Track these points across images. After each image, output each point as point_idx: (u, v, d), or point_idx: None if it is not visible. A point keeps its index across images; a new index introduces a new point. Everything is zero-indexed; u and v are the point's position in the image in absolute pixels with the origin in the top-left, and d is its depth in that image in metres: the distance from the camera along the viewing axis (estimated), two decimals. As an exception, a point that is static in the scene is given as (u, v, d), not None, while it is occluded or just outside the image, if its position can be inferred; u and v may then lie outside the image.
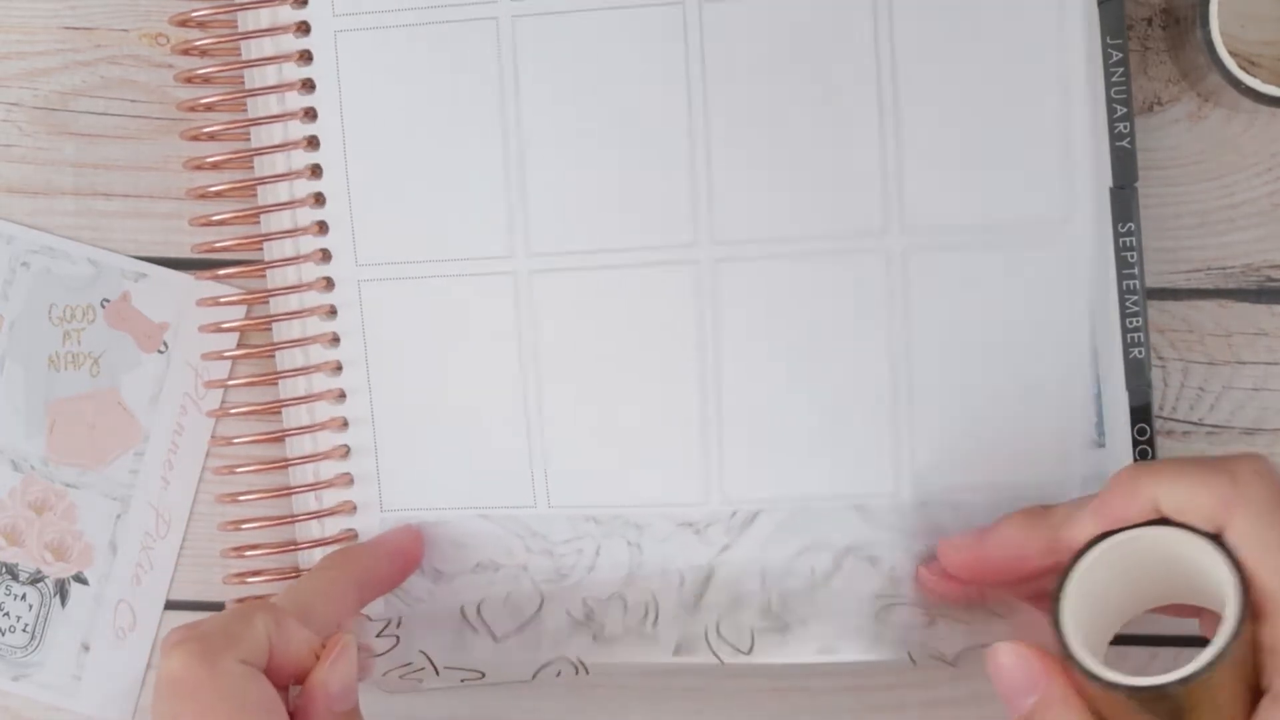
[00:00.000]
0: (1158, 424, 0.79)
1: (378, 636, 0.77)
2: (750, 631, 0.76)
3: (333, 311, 0.78)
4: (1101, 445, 0.76)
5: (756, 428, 0.76)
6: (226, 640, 0.66)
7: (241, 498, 0.79)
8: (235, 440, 0.79)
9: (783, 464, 0.76)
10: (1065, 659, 0.65)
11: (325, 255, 0.78)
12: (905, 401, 0.75)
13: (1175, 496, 0.64)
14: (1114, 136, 0.77)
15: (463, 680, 0.77)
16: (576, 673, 0.77)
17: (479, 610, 0.77)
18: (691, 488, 0.76)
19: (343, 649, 0.69)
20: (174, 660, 0.66)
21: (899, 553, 0.76)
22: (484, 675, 0.77)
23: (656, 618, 0.76)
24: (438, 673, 0.77)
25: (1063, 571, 0.67)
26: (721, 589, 0.77)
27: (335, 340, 0.78)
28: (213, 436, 0.81)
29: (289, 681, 0.69)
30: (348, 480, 0.78)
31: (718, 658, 0.76)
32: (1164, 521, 0.66)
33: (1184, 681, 0.63)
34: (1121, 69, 0.77)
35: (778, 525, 0.76)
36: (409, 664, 0.78)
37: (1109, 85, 0.77)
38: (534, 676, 0.77)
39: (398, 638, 0.77)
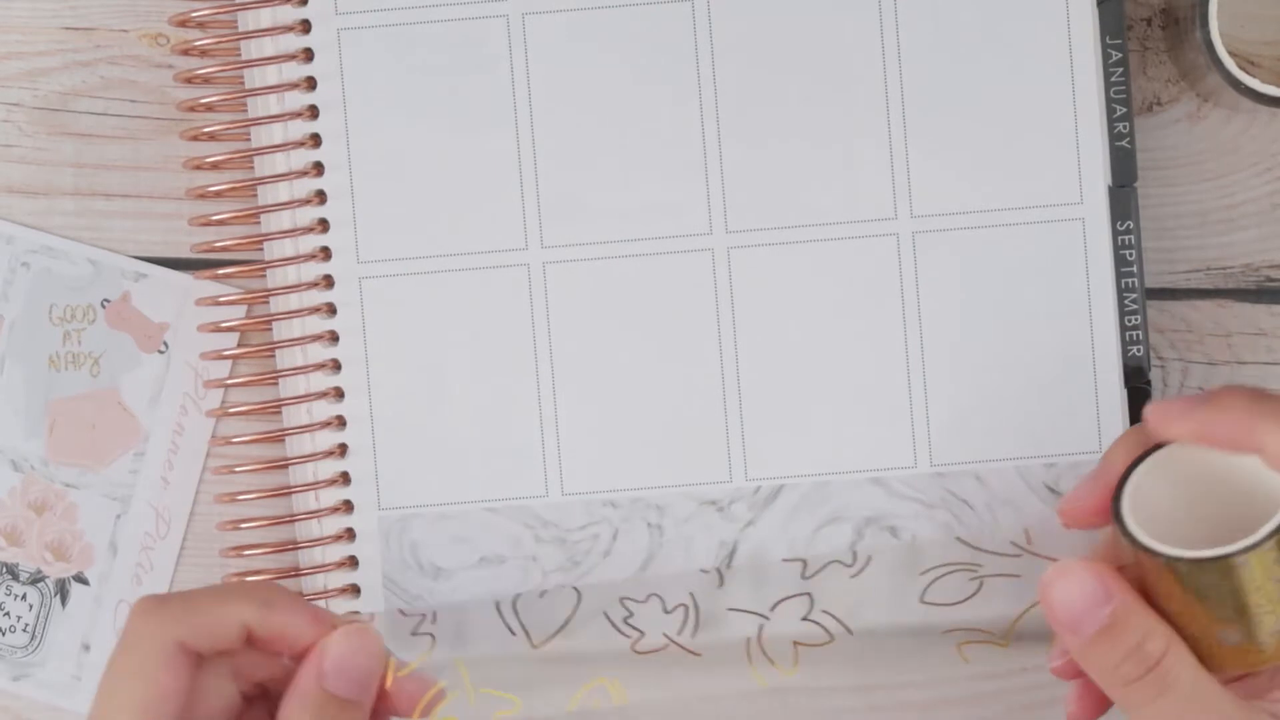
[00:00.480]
0: (1157, 424, 0.79)
1: (412, 635, 0.77)
2: (773, 603, 0.77)
3: (332, 310, 0.78)
4: (1099, 450, 0.77)
5: (776, 405, 0.77)
6: (176, 616, 0.64)
7: (241, 497, 0.79)
8: (235, 440, 0.79)
9: (803, 440, 0.77)
10: (1132, 544, 0.65)
11: (326, 253, 0.78)
12: (920, 377, 0.77)
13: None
14: (1113, 136, 0.77)
15: (496, 715, 0.76)
16: (614, 697, 0.77)
17: (515, 607, 0.77)
18: (714, 465, 0.77)
19: (360, 628, 0.66)
20: (125, 621, 0.65)
21: (919, 523, 0.77)
22: (519, 705, 0.76)
23: (697, 624, 0.77)
24: (471, 701, 0.76)
25: (1123, 472, 0.67)
26: (745, 564, 0.77)
27: (334, 339, 0.78)
28: (213, 436, 0.81)
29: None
30: (345, 479, 0.78)
31: (744, 625, 0.77)
32: None
33: (1247, 549, 0.63)
34: (1121, 69, 0.77)
35: (800, 499, 0.77)
36: (438, 686, 0.77)
37: (1108, 85, 0.77)
38: (570, 707, 0.77)
39: (433, 636, 0.77)
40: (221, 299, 0.79)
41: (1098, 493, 0.69)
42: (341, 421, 0.78)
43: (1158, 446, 0.68)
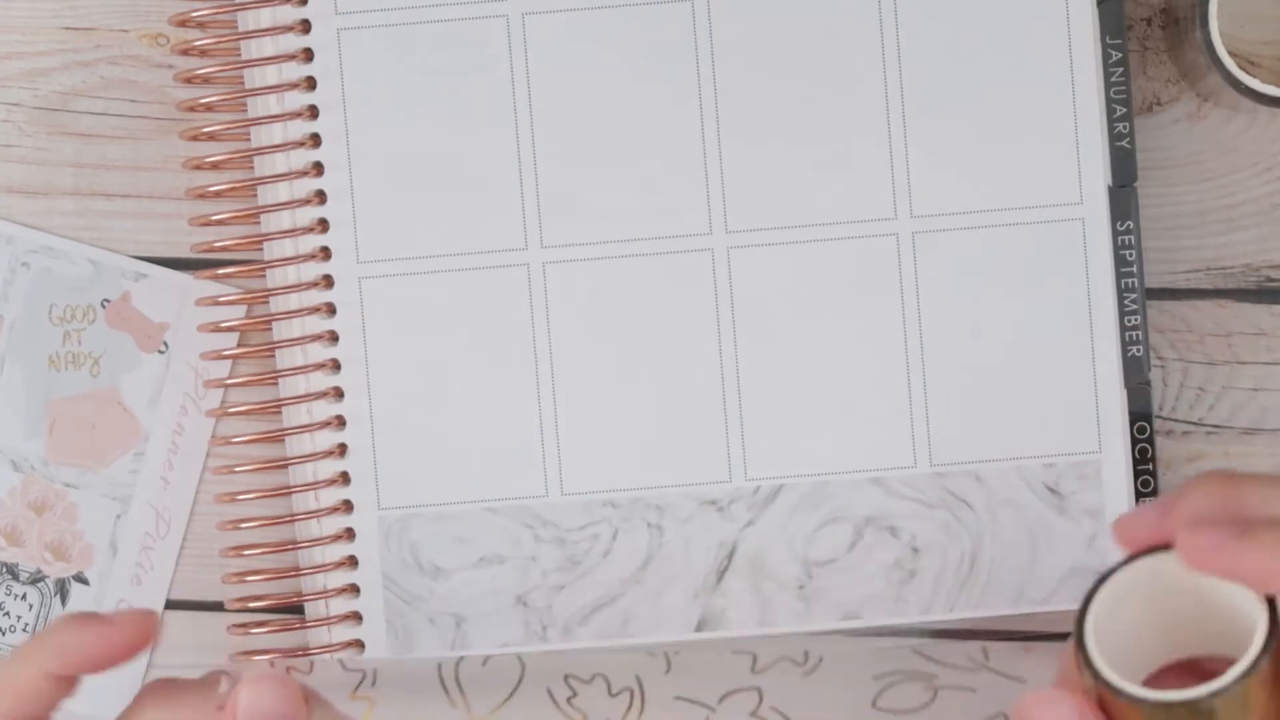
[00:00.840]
0: (1157, 424, 0.79)
1: (350, 699, 0.76)
2: (772, 602, 0.77)
3: (332, 310, 0.78)
4: (1098, 451, 0.77)
5: (776, 405, 0.77)
6: None
7: (241, 497, 0.79)
8: (235, 440, 0.79)
9: (803, 439, 0.77)
10: (1094, 679, 0.64)
11: (325, 253, 0.78)
12: (919, 377, 0.77)
13: None
14: (1113, 136, 0.77)
15: None
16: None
17: (457, 675, 0.77)
18: (714, 465, 0.77)
19: (270, 674, 0.65)
20: None
21: (919, 522, 0.77)
22: None
23: (642, 709, 0.76)
24: None
25: (1088, 591, 0.65)
26: (745, 563, 0.77)
27: (334, 339, 0.78)
28: (213, 436, 0.81)
29: None
30: (344, 479, 0.78)
31: (743, 625, 0.78)
32: None
33: (1215, 694, 0.62)
34: (1121, 69, 0.77)
35: (800, 499, 0.77)
36: None
37: (1108, 85, 0.77)
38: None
39: (370, 700, 0.77)
40: (221, 299, 0.79)
41: (1156, 525, 0.66)
42: (341, 421, 0.78)
43: (1131, 558, 0.66)
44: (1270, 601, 0.63)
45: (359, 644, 0.78)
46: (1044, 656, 0.74)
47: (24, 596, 0.81)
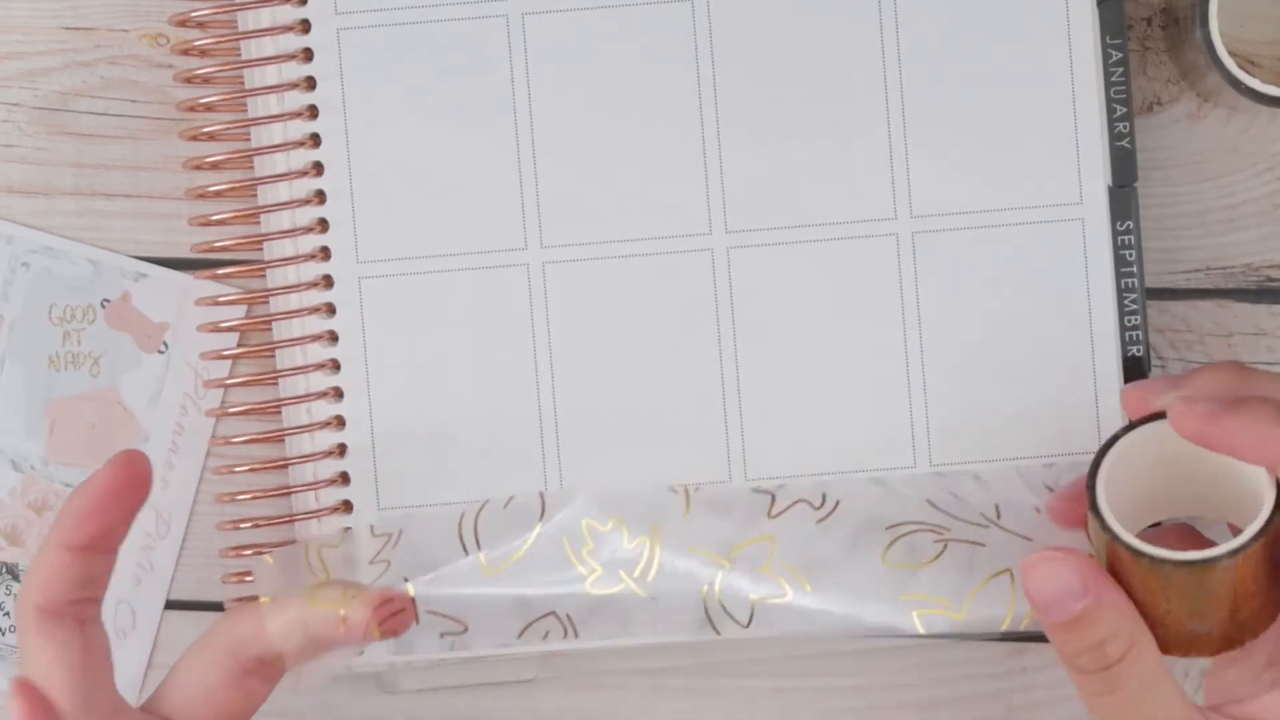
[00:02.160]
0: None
1: (369, 563, 0.77)
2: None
3: (332, 310, 0.78)
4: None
5: (776, 405, 0.77)
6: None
7: (241, 497, 0.79)
8: (235, 440, 0.79)
9: (803, 439, 0.77)
10: (1110, 539, 0.67)
11: (325, 253, 0.78)
12: (919, 377, 0.77)
13: None
14: (1113, 136, 0.77)
15: (442, 635, 0.76)
16: (565, 634, 0.77)
17: (476, 523, 0.77)
18: (715, 465, 0.77)
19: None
20: None
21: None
22: (466, 630, 0.76)
23: (656, 566, 0.76)
24: (418, 620, 0.76)
25: (1097, 455, 0.69)
26: (743, 564, 0.77)
27: (334, 339, 0.78)
28: (213, 436, 0.81)
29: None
30: (344, 479, 0.78)
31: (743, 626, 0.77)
32: None
33: (1233, 554, 0.65)
34: (1121, 69, 0.77)
35: (799, 499, 0.77)
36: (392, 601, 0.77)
37: (1108, 85, 0.77)
38: (520, 635, 0.77)
39: (389, 563, 0.77)
40: (221, 299, 0.79)
41: (1162, 396, 0.71)
42: (341, 421, 0.78)
43: (1131, 426, 0.69)
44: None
45: (359, 644, 0.78)
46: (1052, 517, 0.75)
47: (24, 596, 0.81)
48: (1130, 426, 0.70)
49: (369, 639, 0.73)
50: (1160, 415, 0.69)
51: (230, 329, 0.79)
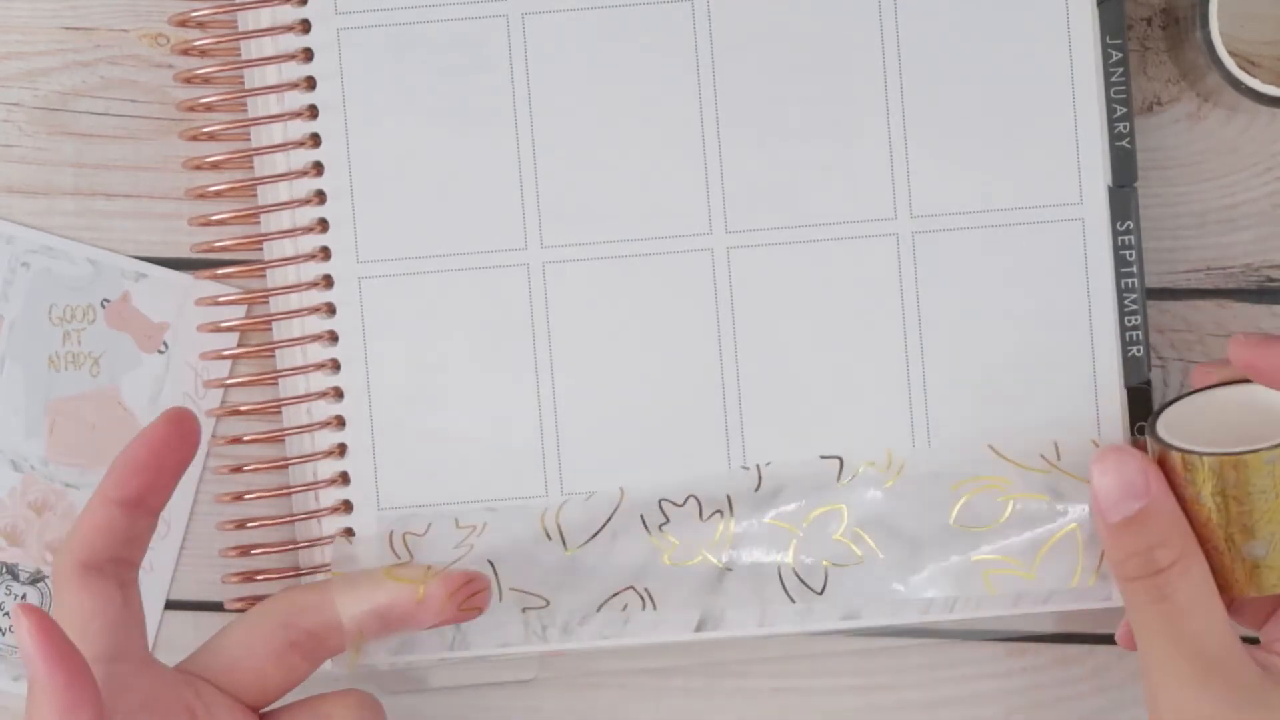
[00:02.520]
0: (1157, 424, 0.79)
1: (454, 547, 0.77)
2: (772, 602, 0.77)
3: (332, 310, 0.78)
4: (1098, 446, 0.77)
5: (776, 405, 0.77)
6: None
7: (241, 497, 0.79)
8: (235, 440, 0.79)
9: (804, 439, 0.77)
10: (1163, 448, 0.70)
11: (325, 253, 0.78)
12: (919, 377, 0.77)
13: None
14: (1113, 136, 0.77)
15: (524, 610, 0.77)
16: (644, 607, 0.77)
17: (559, 517, 0.77)
18: (714, 465, 0.77)
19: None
20: None
21: (918, 522, 0.77)
22: (548, 603, 0.77)
23: (732, 539, 0.77)
24: (501, 597, 0.77)
25: (1162, 404, 0.72)
26: (745, 563, 0.77)
27: (334, 339, 0.78)
28: (213, 436, 0.81)
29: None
30: (344, 479, 0.78)
31: (743, 625, 0.78)
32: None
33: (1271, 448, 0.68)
34: (1121, 69, 0.77)
35: (800, 497, 0.77)
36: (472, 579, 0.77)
37: (1108, 85, 0.77)
38: (599, 609, 0.77)
39: (471, 546, 0.77)
40: (221, 299, 0.79)
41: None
42: (341, 421, 0.78)
43: (1191, 392, 0.73)
44: None
45: (359, 644, 0.78)
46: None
47: (24, 596, 0.81)
48: (1193, 390, 0.73)
49: (444, 619, 0.75)
50: (1227, 383, 0.72)
51: (230, 329, 0.79)
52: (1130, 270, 0.77)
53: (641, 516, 0.77)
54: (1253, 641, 0.72)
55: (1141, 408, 0.77)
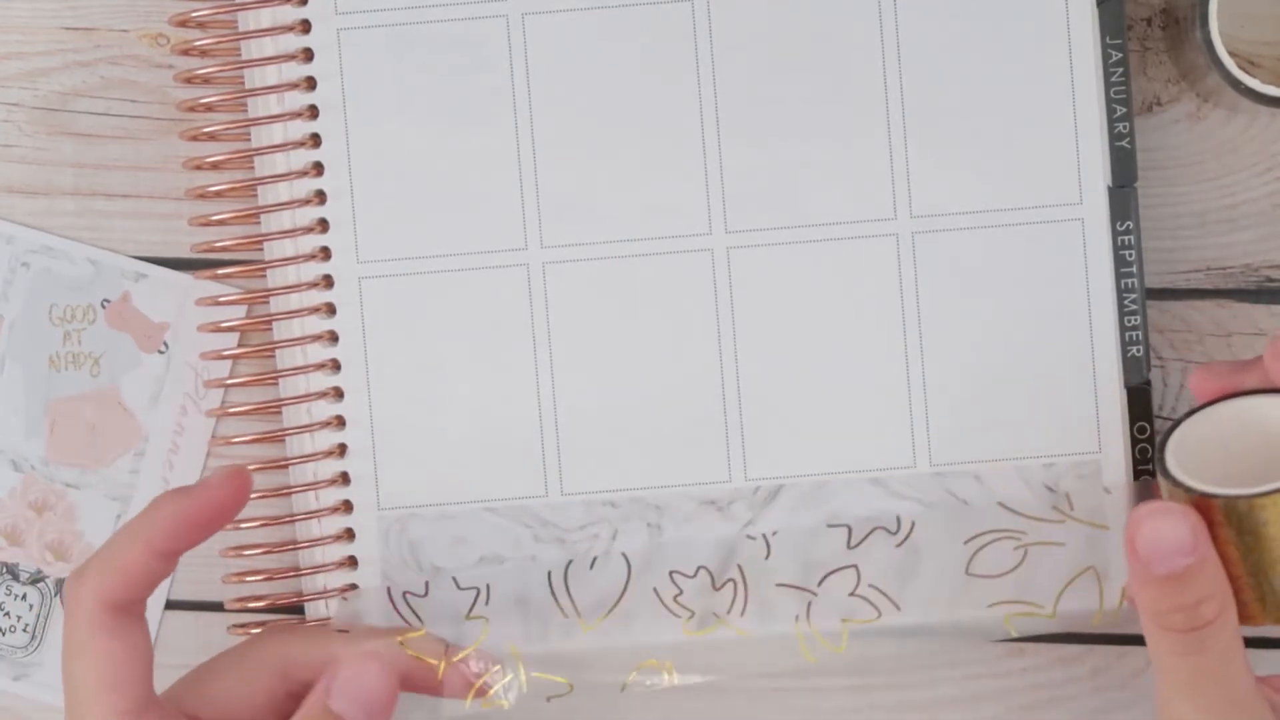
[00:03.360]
0: (1157, 424, 0.79)
1: (466, 619, 0.77)
2: (772, 604, 0.77)
3: (332, 310, 0.78)
4: (1098, 451, 0.77)
5: (776, 405, 0.77)
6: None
7: (241, 497, 0.79)
8: (235, 440, 0.79)
9: (803, 439, 0.77)
10: (1184, 492, 0.67)
11: (325, 253, 0.78)
12: (919, 377, 0.77)
13: None
14: (1113, 136, 0.77)
15: (549, 699, 0.77)
16: (666, 676, 0.77)
17: (566, 578, 0.77)
18: (714, 465, 0.78)
19: (372, 655, 0.72)
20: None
21: (918, 522, 0.77)
22: (572, 690, 0.77)
23: (745, 602, 0.77)
24: (525, 686, 0.77)
25: (1167, 430, 0.70)
26: (745, 563, 0.77)
27: (334, 339, 0.78)
28: (213, 436, 0.81)
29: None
30: (344, 479, 0.78)
31: (743, 625, 0.78)
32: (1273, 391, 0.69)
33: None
34: (1121, 69, 0.77)
35: (800, 499, 0.77)
36: (493, 669, 0.77)
37: (1108, 85, 0.77)
38: (623, 690, 0.77)
39: (486, 619, 0.77)
40: (221, 299, 0.79)
41: (1224, 380, 0.71)
42: (341, 421, 0.78)
43: (1197, 409, 0.70)
44: None
45: (359, 644, 0.78)
46: (1123, 499, 0.76)
47: (24, 596, 0.81)
48: (1194, 410, 0.71)
49: (454, 694, 0.75)
50: (1227, 397, 0.70)
51: (230, 329, 0.79)
52: (1130, 270, 0.77)
53: (654, 589, 0.77)
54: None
55: (1141, 407, 0.77)
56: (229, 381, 0.80)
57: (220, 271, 0.79)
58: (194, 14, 0.79)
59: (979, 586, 0.77)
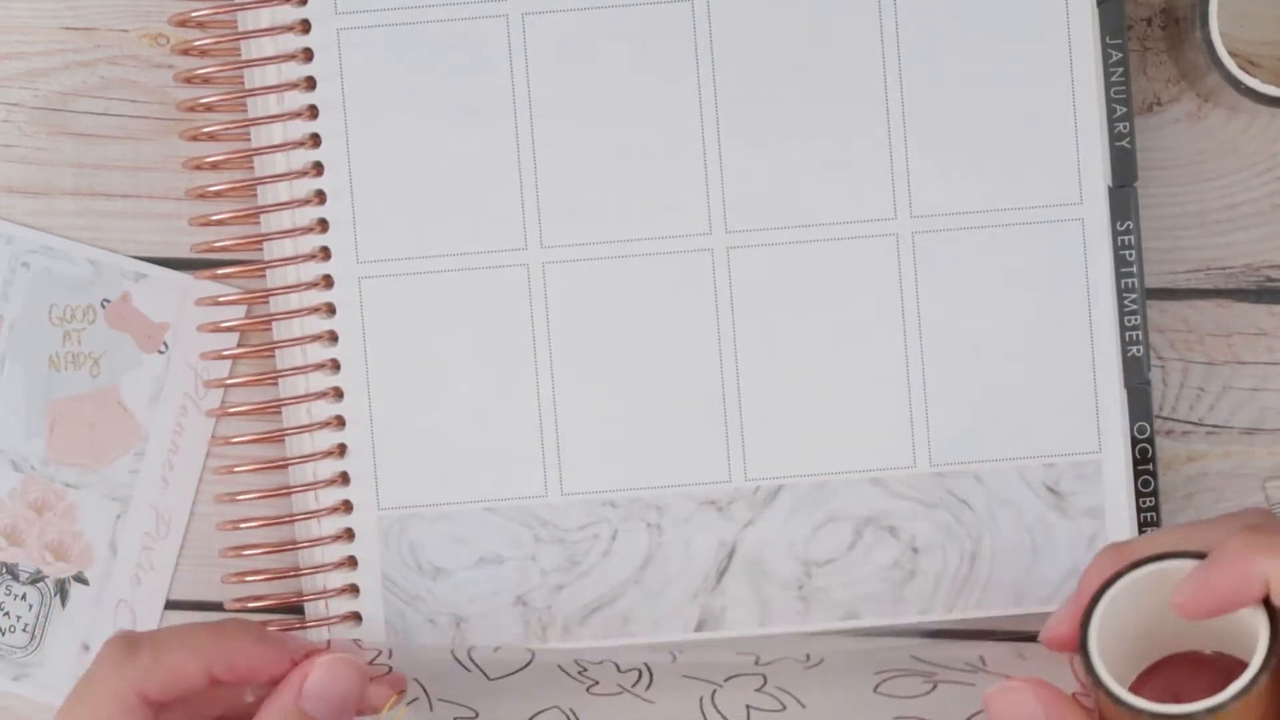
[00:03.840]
0: (1157, 424, 0.79)
1: (370, 664, 0.77)
2: (771, 602, 0.77)
3: (332, 310, 0.78)
4: (1099, 451, 0.77)
5: (776, 405, 0.77)
6: (143, 669, 0.69)
7: (241, 497, 0.79)
8: (235, 440, 0.79)
9: (803, 440, 0.78)
10: (1093, 684, 0.65)
11: (325, 253, 0.78)
12: (919, 377, 0.77)
13: None
14: (1113, 136, 0.77)
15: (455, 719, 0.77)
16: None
17: (470, 654, 0.77)
18: (714, 466, 0.78)
19: (340, 658, 0.71)
20: (92, 663, 0.69)
21: (918, 523, 0.77)
22: (478, 715, 0.76)
23: (650, 681, 0.76)
24: (431, 707, 0.76)
25: (1090, 601, 0.67)
26: (745, 563, 0.77)
27: (334, 339, 0.78)
28: (212, 436, 0.81)
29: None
30: (344, 479, 0.78)
31: (742, 625, 0.78)
32: (1194, 555, 0.66)
33: (1212, 710, 0.63)
34: (1121, 69, 0.77)
35: (799, 499, 0.77)
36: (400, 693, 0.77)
37: (1108, 85, 0.77)
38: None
39: (390, 668, 0.77)
40: (221, 299, 0.79)
41: (1076, 615, 0.68)
42: (341, 421, 0.78)
43: (1131, 567, 0.67)
44: (1271, 611, 0.64)
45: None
46: (1040, 663, 0.74)
47: (24, 596, 0.81)
48: (1118, 574, 0.67)
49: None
50: (1156, 559, 0.67)
51: (230, 329, 0.79)
52: (1130, 270, 0.77)
53: (559, 665, 0.77)
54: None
55: (1141, 407, 0.77)
56: (229, 382, 0.80)
57: (220, 271, 0.79)
58: (194, 14, 0.79)
59: (888, 705, 0.75)
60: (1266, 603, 0.64)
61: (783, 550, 0.77)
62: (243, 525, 0.79)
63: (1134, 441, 0.77)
